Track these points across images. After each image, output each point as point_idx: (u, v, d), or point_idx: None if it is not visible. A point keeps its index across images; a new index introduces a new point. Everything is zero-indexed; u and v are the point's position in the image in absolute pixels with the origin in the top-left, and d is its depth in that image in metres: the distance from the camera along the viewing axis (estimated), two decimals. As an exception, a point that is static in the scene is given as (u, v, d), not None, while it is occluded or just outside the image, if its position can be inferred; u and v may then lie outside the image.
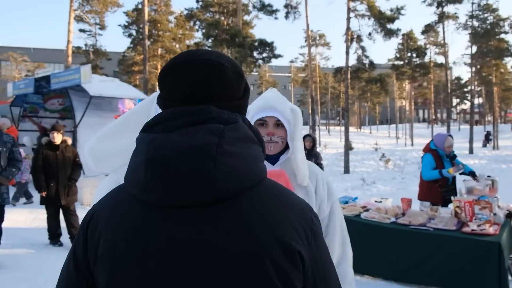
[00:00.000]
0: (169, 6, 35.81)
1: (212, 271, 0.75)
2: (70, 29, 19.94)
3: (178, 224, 0.77)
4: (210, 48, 28.45)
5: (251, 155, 0.82)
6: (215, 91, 0.86)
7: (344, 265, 1.72)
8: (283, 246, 0.76)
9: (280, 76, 56.15)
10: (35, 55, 47.98)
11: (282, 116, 1.68)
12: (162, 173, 0.77)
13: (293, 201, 0.86)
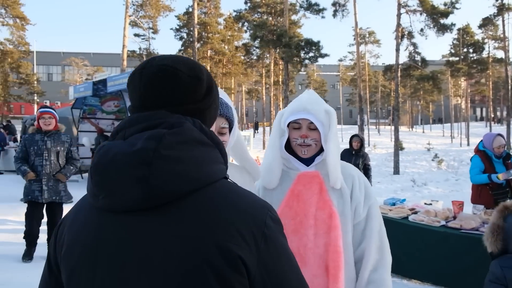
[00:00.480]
0: (218, 9, 36.52)
1: (152, 276, 0.76)
2: (125, 34, 20.98)
3: (123, 229, 0.79)
4: (257, 49, 28.70)
5: (195, 158, 0.81)
6: (168, 96, 0.86)
7: (381, 271, 1.64)
8: (222, 251, 0.75)
9: (328, 75, 55.45)
10: (95, 59, 50.80)
11: (315, 118, 1.66)
12: (102, 180, 0.80)
13: (245, 204, 0.83)
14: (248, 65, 34.98)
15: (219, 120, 1.50)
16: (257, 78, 40.72)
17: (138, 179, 0.76)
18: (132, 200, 0.77)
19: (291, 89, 38.07)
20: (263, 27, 10.68)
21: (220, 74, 37.33)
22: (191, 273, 0.75)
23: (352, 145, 7.20)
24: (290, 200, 1.70)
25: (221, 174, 0.86)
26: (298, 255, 1.61)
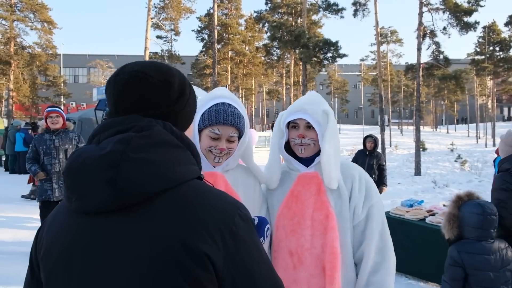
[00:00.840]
0: (239, 10, 36.76)
1: (125, 277, 0.78)
2: (147, 36, 21.37)
3: (96, 230, 0.82)
4: (278, 50, 28.73)
5: (164, 160, 0.84)
6: (140, 101, 0.89)
7: (382, 274, 1.60)
8: (189, 250, 0.78)
9: (350, 75, 54.93)
10: (119, 61, 51.76)
11: (312, 118, 1.67)
12: (74, 183, 0.84)
13: (213, 203, 0.86)
14: (269, 65, 35.08)
15: (229, 129, 1.57)
16: (277, 78, 40.75)
17: (107, 181, 0.79)
18: (102, 201, 0.81)
19: (312, 89, 37.98)
20: (281, 28, 10.71)
21: (240, 75, 37.55)
22: (161, 273, 0.77)
23: (366, 146, 7.19)
24: (289, 200, 1.71)
25: (192, 174, 0.89)
26: (295, 255, 1.65)
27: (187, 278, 0.78)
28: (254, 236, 0.89)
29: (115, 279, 0.79)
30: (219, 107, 1.59)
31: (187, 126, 1.00)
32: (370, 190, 1.70)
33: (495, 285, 2.47)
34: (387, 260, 1.63)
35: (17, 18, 30.42)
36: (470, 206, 2.59)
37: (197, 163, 0.93)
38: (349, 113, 58.51)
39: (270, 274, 0.90)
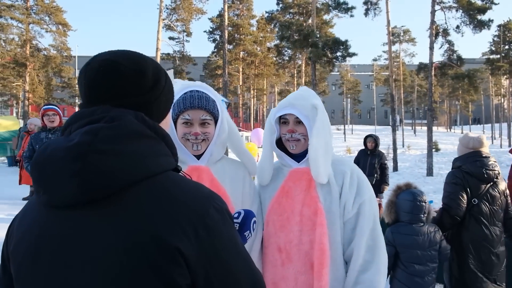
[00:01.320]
0: (251, 10, 36.86)
1: (93, 272, 0.75)
2: (159, 37, 21.58)
3: (65, 225, 0.79)
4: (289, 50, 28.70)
5: (134, 151, 0.80)
6: (111, 90, 0.86)
7: (371, 273, 1.56)
8: (159, 243, 0.75)
9: (362, 75, 54.54)
10: (133, 62, 52.38)
11: (300, 113, 1.66)
12: (40, 176, 0.81)
13: (187, 195, 0.83)
14: (280, 66, 35.06)
15: (199, 112, 1.57)
16: (289, 79, 40.69)
17: (73, 174, 0.76)
18: (69, 195, 0.77)
19: (324, 89, 37.83)
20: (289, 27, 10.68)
21: (252, 75, 37.61)
22: (130, 269, 0.75)
23: (367, 145, 7.19)
24: (279, 196, 1.70)
25: (166, 166, 0.86)
26: (284, 251, 1.63)
27: (157, 273, 0.75)
28: (230, 229, 0.86)
29: (82, 274, 0.76)
30: (187, 94, 1.60)
31: (163, 116, 0.97)
32: (362, 187, 1.66)
33: (422, 261, 2.87)
34: (377, 258, 1.59)
35: (32, 21, 30.98)
36: (404, 194, 3.03)
37: (172, 154, 0.90)
38: (362, 113, 58.08)
39: (247, 269, 0.87)
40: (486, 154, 3.27)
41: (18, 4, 30.78)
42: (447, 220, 3.13)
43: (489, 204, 3.14)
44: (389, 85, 37.41)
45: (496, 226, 3.14)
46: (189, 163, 1.61)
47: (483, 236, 3.08)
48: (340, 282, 1.60)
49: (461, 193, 3.12)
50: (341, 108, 47.57)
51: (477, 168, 3.18)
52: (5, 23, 29.98)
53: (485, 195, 3.15)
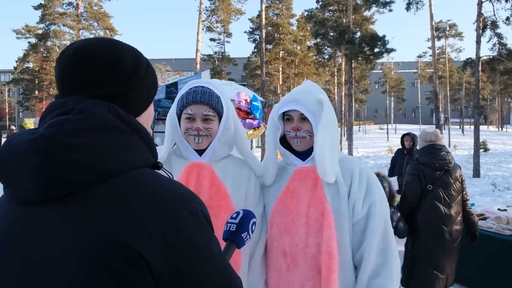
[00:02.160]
0: (290, 9, 36.67)
1: (50, 274, 0.70)
2: (198, 38, 22.07)
3: (27, 222, 0.75)
4: (328, 48, 28.29)
5: (103, 146, 0.75)
6: (84, 80, 0.80)
7: (383, 278, 1.46)
8: (119, 247, 0.69)
9: (407, 73, 52.74)
10: (176, 64, 53.86)
11: (305, 108, 1.57)
12: (2, 170, 0.76)
13: (158, 195, 0.76)
14: (320, 64, 34.67)
15: (201, 107, 1.53)
16: (329, 77, 40.12)
17: (33, 169, 0.71)
18: (30, 191, 0.73)
19: (366, 88, 37.01)
20: (324, 24, 10.50)
21: (292, 75, 37.40)
22: (86, 272, 0.69)
23: (404, 144, 6.82)
24: (284, 197, 1.61)
25: (139, 162, 0.80)
26: (289, 255, 1.54)
27: (115, 279, 0.69)
28: (204, 233, 0.79)
29: (40, 276, 0.71)
30: (191, 89, 1.58)
31: (143, 109, 0.90)
32: (372, 186, 1.56)
33: None
34: (389, 263, 1.49)
35: (82, 27, 32.66)
36: None
37: (150, 150, 0.84)
38: (406, 112, 56.19)
39: (222, 278, 0.81)
40: (440, 146, 3.82)
41: (69, 12, 32.54)
42: (405, 205, 3.68)
43: (443, 189, 3.62)
44: (437, 83, 35.94)
45: (451, 207, 3.59)
46: (190, 159, 1.58)
47: (436, 216, 3.53)
48: (350, 287, 1.51)
49: (416, 182, 3.66)
50: (384, 107, 46.20)
51: (430, 159, 3.74)
52: (58, 30, 31.76)
53: (438, 182, 3.64)
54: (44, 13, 31.38)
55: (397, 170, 6.83)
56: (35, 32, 32.00)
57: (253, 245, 1.60)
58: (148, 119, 0.92)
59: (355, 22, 24.77)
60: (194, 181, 1.54)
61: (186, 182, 1.50)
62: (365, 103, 37.42)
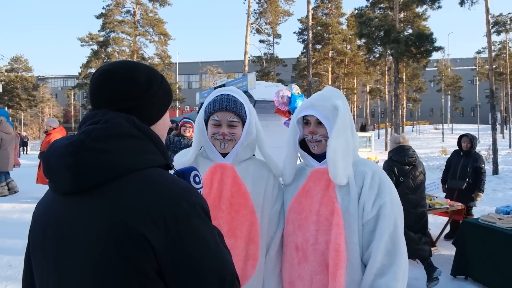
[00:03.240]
0: (340, 8, 36.26)
1: (77, 250, 0.89)
2: (247, 41, 22.58)
3: (63, 208, 0.94)
4: (378, 47, 27.66)
5: (121, 149, 0.92)
6: (108, 96, 0.99)
7: (388, 278, 1.49)
8: (129, 231, 0.85)
9: (465, 70, 49.97)
10: (228, 66, 54.88)
11: (320, 114, 1.66)
12: (46, 167, 0.96)
13: (163, 189, 0.91)
14: (370, 63, 33.98)
15: (227, 114, 1.68)
16: (380, 77, 39.10)
17: (67, 167, 0.90)
18: (65, 184, 0.91)
19: (420, 86, 35.71)
20: (368, 24, 10.43)
21: (342, 75, 36.97)
22: (104, 250, 0.86)
23: (462, 146, 6.41)
24: (300, 195, 1.72)
25: (151, 162, 0.96)
26: (301, 250, 1.64)
27: (125, 255, 0.85)
28: (200, 222, 0.93)
29: (71, 249, 0.90)
30: (217, 97, 1.72)
31: (157, 118, 1.07)
32: (383, 188, 1.60)
33: None
34: (396, 264, 1.51)
35: (139, 33, 34.39)
36: None
37: (161, 153, 1.00)
38: (464, 111, 53.26)
39: (215, 260, 0.93)
40: (407, 146, 4.94)
41: (127, 19, 34.35)
42: None
43: (412, 180, 4.67)
44: (499, 80, 33.41)
45: (417, 194, 4.65)
46: (215, 160, 1.73)
47: (406, 201, 4.24)
48: (357, 284, 1.56)
49: (390, 176, 4.43)
50: (440, 106, 44.04)
51: (401, 157, 4.82)
52: (117, 37, 33.66)
53: (408, 174, 4.69)
54: (104, 21, 33.42)
55: (451, 172, 6.49)
56: (97, 40, 34.14)
57: (269, 240, 1.74)
58: (163, 126, 1.10)
59: (406, 19, 24.07)
60: (218, 180, 1.68)
61: (210, 181, 1.67)
62: (418, 102, 36.03)
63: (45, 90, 56.53)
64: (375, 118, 55.64)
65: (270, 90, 12.23)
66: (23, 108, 48.45)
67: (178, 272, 0.89)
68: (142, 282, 0.86)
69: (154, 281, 0.88)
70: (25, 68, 50.03)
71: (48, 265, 0.94)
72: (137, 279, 0.86)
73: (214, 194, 1.65)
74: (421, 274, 4.68)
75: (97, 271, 0.86)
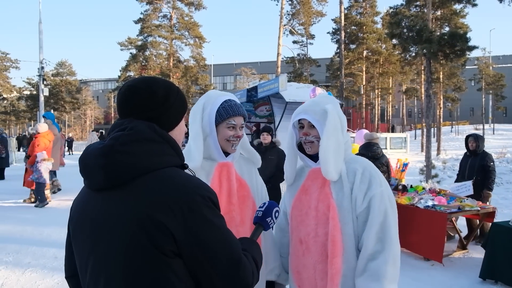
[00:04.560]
0: (375, 7, 35.69)
1: (110, 235, 1.06)
2: (279, 42, 22.75)
3: (97, 202, 1.11)
4: (414, 45, 27.02)
5: (144, 151, 1.08)
6: (131, 107, 1.16)
7: (379, 261, 1.65)
8: (151, 219, 1.01)
9: (508, 68, 47.50)
10: (261, 67, 54.96)
11: (311, 117, 1.82)
12: (83, 167, 1.13)
13: (179, 184, 1.07)
14: (406, 63, 33.22)
15: (240, 118, 1.85)
16: (415, 76, 38.04)
17: (100, 167, 1.07)
18: (98, 181, 1.09)
19: (460, 85, 34.50)
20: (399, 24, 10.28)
21: (376, 74, 36.34)
22: (133, 233, 1.03)
23: (468, 145, 6.56)
24: (300, 194, 1.90)
25: (169, 163, 1.12)
26: (304, 243, 1.82)
27: (150, 240, 1.02)
28: (212, 213, 1.09)
29: (104, 238, 1.07)
30: (228, 103, 1.85)
31: (175, 124, 1.23)
32: (373, 182, 1.74)
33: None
34: (387, 249, 1.66)
35: (175, 37, 35.29)
36: None
37: (177, 154, 1.16)
38: (508, 110, 50.59)
39: (225, 245, 1.10)
40: (374, 143, 6.31)
41: (164, 24, 35.29)
42: None
43: None
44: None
45: None
46: (218, 160, 1.87)
47: None
48: (353, 270, 1.72)
49: None
50: (481, 106, 42.20)
51: (367, 151, 6.08)
52: (155, 41, 34.66)
53: None
54: (143, 26, 34.55)
55: (461, 173, 6.66)
56: (135, 44, 35.34)
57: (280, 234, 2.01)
58: (180, 132, 1.26)
59: (442, 17, 23.36)
60: (225, 178, 1.85)
61: (219, 180, 1.83)
62: (457, 101, 34.76)
63: (87, 93, 59.00)
64: (412, 118, 54.21)
65: (301, 92, 12.26)
66: (67, 110, 50.81)
67: (194, 253, 1.05)
68: (163, 260, 1.03)
69: (173, 260, 1.04)
70: (69, 72, 52.50)
71: (87, 250, 1.12)
72: (160, 258, 1.03)
73: (225, 191, 1.83)
74: (423, 275, 4.74)
75: (127, 252, 1.04)
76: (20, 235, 6.34)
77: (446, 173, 13.90)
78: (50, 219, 7.42)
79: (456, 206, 5.41)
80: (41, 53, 21.69)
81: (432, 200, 5.66)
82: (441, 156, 22.33)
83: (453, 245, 5.84)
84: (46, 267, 4.88)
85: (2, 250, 5.53)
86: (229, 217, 1.77)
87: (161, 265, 1.03)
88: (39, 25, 21.51)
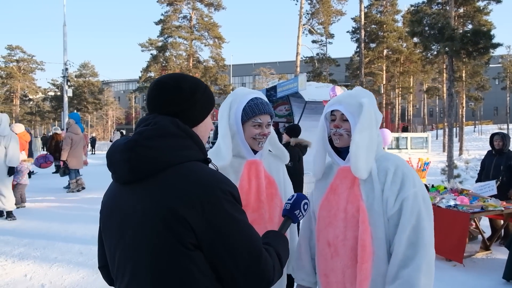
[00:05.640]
0: (395, 6, 35.21)
1: (136, 226, 1.09)
2: (299, 42, 22.72)
3: (124, 195, 1.14)
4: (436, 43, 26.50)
5: (167, 146, 1.10)
6: (159, 102, 1.18)
7: (411, 269, 1.53)
8: (172, 212, 1.03)
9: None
10: (280, 67, 54.98)
11: (345, 109, 1.73)
12: (110, 161, 1.16)
13: (201, 178, 1.08)
14: (427, 61, 32.65)
15: (266, 116, 1.86)
16: (437, 75, 37.32)
17: (125, 161, 1.10)
18: (125, 174, 1.12)
19: (483, 84, 33.74)
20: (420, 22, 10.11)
21: (397, 73, 35.83)
22: (156, 225, 1.05)
23: (494, 144, 6.33)
24: (328, 193, 1.80)
25: (191, 157, 1.14)
26: (332, 245, 1.73)
27: (170, 231, 1.04)
28: (232, 206, 1.10)
29: (131, 228, 1.11)
30: (254, 101, 1.85)
31: (199, 120, 1.24)
32: (406, 182, 1.63)
33: None
34: (419, 255, 1.54)
35: (195, 38, 35.64)
36: None
37: (200, 149, 1.18)
38: (535, 109, 49.18)
39: (245, 239, 1.10)
40: None
41: (184, 25, 35.69)
42: None
43: None
44: None
45: None
46: (247, 158, 1.88)
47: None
48: (383, 276, 1.62)
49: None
50: (505, 105, 41.13)
51: None
52: (175, 42, 35.09)
53: None
54: (163, 27, 35.02)
55: (485, 172, 6.43)
56: (156, 45, 35.85)
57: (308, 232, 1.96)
58: (205, 128, 1.27)
59: (465, 14, 22.88)
60: (254, 175, 1.86)
61: (248, 178, 1.85)
62: (481, 101, 33.94)
63: (109, 93, 60.25)
64: (433, 118, 53.24)
65: (320, 91, 12.21)
66: (90, 111, 51.98)
67: (214, 246, 1.06)
68: (184, 252, 1.05)
69: (194, 253, 1.06)
70: (91, 73, 53.71)
71: (114, 241, 1.16)
72: (180, 249, 1.04)
73: (254, 188, 1.84)
74: (445, 276, 4.67)
75: (151, 242, 1.07)
76: (46, 231, 6.54)
77: (469, 173, 13.65)
78: (75, 217, 7.63)
79: (479, 206, 5.31)
80: (65, 55, 22.24)
81: (454, 199, 5.56)
82: (463, 156, 21.89)
83: (476, 246, 5.74)
84: (72, 262, 5.03)
85: (30, 245, 5.72)
86: (258, 214, 1.80)
87: (182, 257, 1.05)
88: (63, 27, 22.09)
